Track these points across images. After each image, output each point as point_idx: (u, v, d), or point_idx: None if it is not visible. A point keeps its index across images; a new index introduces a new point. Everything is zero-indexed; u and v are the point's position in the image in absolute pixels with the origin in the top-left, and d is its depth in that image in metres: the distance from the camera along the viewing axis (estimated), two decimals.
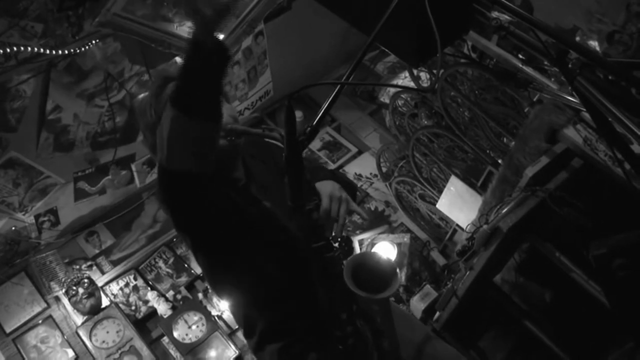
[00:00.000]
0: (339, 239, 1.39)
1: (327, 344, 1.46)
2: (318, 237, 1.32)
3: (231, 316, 2.84)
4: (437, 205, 2.75)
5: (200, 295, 2.92)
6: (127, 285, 2.97)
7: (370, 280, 1.31)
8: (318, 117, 1.19)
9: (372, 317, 1.40)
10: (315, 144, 3.57)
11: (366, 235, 3.09)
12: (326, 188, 1.49)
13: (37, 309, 2.82)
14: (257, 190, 1.52)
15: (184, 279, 2.99)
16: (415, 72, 2.85)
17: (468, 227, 2.10)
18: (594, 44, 2.13)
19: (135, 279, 3.00)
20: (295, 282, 1.52)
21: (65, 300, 2.84)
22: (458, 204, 2.61)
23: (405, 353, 1.60)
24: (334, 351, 1.43)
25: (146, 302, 2.91)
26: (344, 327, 1.39)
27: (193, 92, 1.14)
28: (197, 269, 2.99)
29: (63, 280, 2.88)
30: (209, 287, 2.86)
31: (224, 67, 1.14)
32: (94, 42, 2.41)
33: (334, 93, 1.20)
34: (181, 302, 2.89)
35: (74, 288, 2.80)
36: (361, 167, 3.47)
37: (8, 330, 2.74)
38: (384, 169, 3.25)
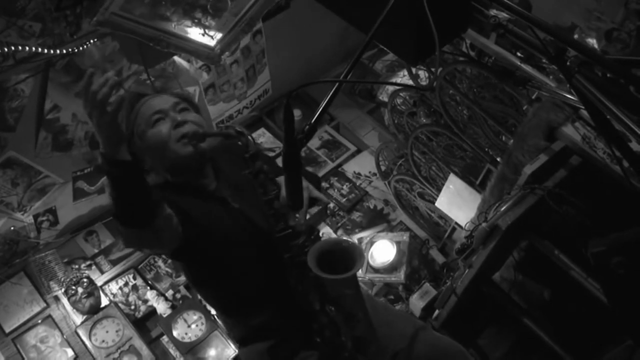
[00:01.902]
0: (304, 228, 1.42)
1: (310, 339, 1.49)
2: (281, 225, 1.38)
3: None
4: (436, 204, 2.75)
5: (199, 295, 2.92)
6: (126, 284, 2.97)
7: (337, 264, 1.33)
8: (316, 115, 1.18)
9: (343, 302, 1.41)
10: (314, 143, 3.57)
11: (365, 234, 3.09)
12: None
13: (37, 309, 2.82)
14: (230, 193, 1.55)
15: (183, 278, 2.99)
16: (414, 70, 2.85)
17: (467, 225, 2.10)
18: (593, 41, 2.14)
19: (134, 278, 3.00)
20: (273, 281, 1.53)
21: (64, 300, 2.84)
22: (457, 202, 2.61)
23: (395, 344, 1.62)
24: (317, 345, 1.46)
25: (145, 301, 2.91)
26: (319, 318, 1.42)
27: (120, 205, 1.29)
28: None
29: (62, 279, 2.88)
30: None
31: (139, 175, 1.26)
32: (92, 41, 2.41)
33: (332, 91, 1.20)
34: (180, 301, 2.89)
35: (73, 287, 2.80)
36: (360, 166, 3.47)
37: (7, 330, 2.74)
38: (382, 168, 3.26)
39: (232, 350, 2.69)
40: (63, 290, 2.84)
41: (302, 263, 1.36)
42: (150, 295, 2.90)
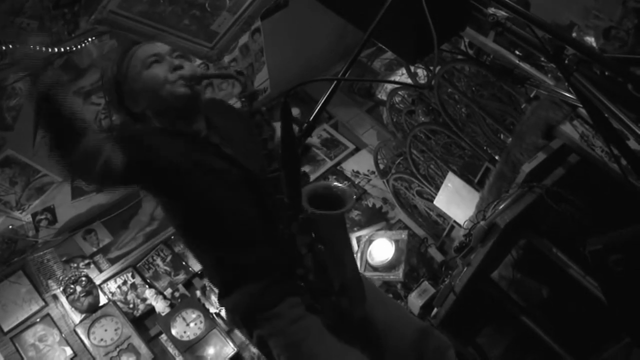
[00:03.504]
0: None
1: (295, 284, 1.49)
2: (274, 166, 1.40)
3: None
4: (434, 202, 2.75)
5: (198, 293, 2.92)
6: (124, 283, 2.97)
7: (327, 208, 1.35)
8: (314, 113, 1.18)
9: (332, 244, 1.42)
10: (313, 141, 3.56)
11: (364, 232, 3.09)
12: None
13: (35, 308, 2.82)
14: (220, 139, 1.57)
15: (181, 276, 2.99)
16: (412, 68, 2.85)
17: (465, 223, 2.10)
18: (591, 40, 2.14)
19: (133, 277, 2.99)
20: (261, 224, 1.54)
21: (63, 299, 2.84)
22: (455, 201, 2.62)
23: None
24: (301, 291, 1.47)
25: (144, 300, 2.91)
26: (305, 262, 1.42)
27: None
28: (195, 267, 2.99)
29: (61, 278, 2.88)
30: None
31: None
32: (90, 39, 2.40)
33: (330, 89, 1.20)
34: (179, 300, 2.89)
35: (72, 286, 2.80)
36: (359, 164, 3.47)
37: (6, 329, 2.74)
38: (381, 166, 3.26)
39: (230, 348, 2.69)
40: (61, 288, 2.84)
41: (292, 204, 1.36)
42: (148, 293, 2.90)
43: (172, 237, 3.12)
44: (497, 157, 2.36)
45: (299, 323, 1.54)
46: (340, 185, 1.45)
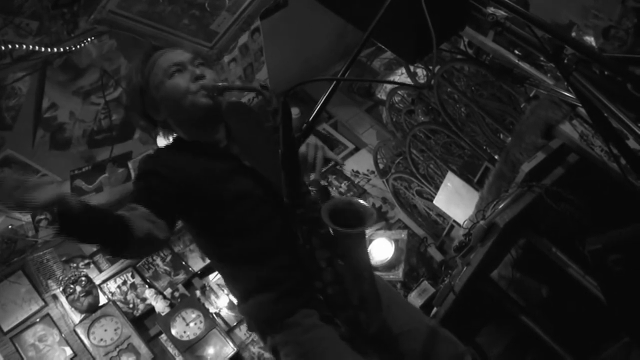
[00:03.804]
0: (316, 185, 1.45)
1: (312, 298, 1.50)
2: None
3: (229, 313, 2.84)
4: (434, 202, 2.76)
5: (198, 293, 2.92)
6: (124, 283, 2.97)
7: (347, 223, 1.36)
8: (314, 113, 1.19)
9: (352, 259, 1.43)
10: (312, 141, 3.56)
11: None
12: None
13: (35, 308, 2.82)
14: (240, 150, 1.57)
15: (181, 276, 2.99)
16: (411, 68, 2.85)
17: (465, 223, 2.11)
18: (590, 39, 2.14)
19: (132, 276, 2.99)
20: (281, 236, 1.55)
21: (62, 299, 2.84)
22: (455, 200, 2.62)
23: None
24: (319, 304, 1.47)
25: (144, 299, 2.91)
26: (324, 276, 1.43)
27: (97, 243, 1.32)
28: (195, 266, 2.99)
29: (60, 278, 2.88)
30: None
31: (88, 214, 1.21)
32: (89, 39, 2.40)
33: (330, 89, 1.20)
34: (179, 300, 2.89)
35: (72, 286, 2.80)
36: (358, 164, 3.47)
37: (6, 329, 2.74)
38: (381, 166, 3.26)
39: (230, 348, 2.69)
40: (61, 288, 2.84)
41: (313, 219, 1.37)
42: (148, 293, 2.90)
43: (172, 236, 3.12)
44: (496, 157, 2.36)
45: (313, 332, 1.54)
46: (361, 201, 1.45)
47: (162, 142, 1.62)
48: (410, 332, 1.63)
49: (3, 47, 2.12)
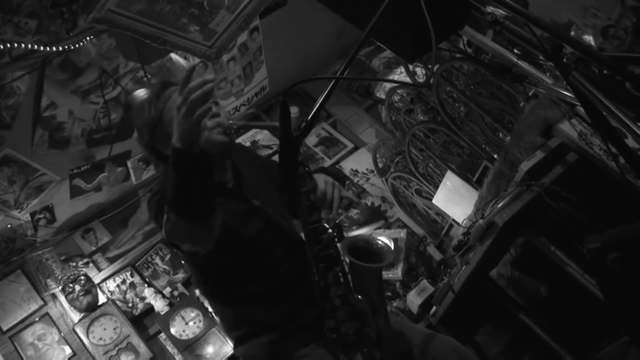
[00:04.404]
0: (333, 223, 1.45)
1: (320, 337, 1.48)
2: (315, 217, 1.38)
3: None
4: (433, 201, 2.76)
5: (197, 292, 2.92)
6: (123, 282, 2.97)
7: (364, 260, 1.39)
8: (312, 112, 1.19)
9: (369, 294, 1.43)
10: (311, 140, 3.57)
11: (363, 231, 3.09)
12: (320, 177, 1.56)
13: (34, 307, 2.82)
14: (247, 190, 1.57)
15: (180, 275, 2.99)
16: (411, 67, 2.85)
17: (464, 222, 2.11)
18: (589, 38, 2.13)
19: (131, 275, 2.99)
20: (291, 278, 1.55)
21: (61, 298, 2.84)
22: (454, 199, 2.62)
23: (408, 342, 1.64)
24: (330, 343, 1.45)
25: (143, 298, 2.91)
26: (338, 314, 1.42)
27: (182, 196, 1.23)
28: None
29: (59, 277, 2.88)
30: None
31: (208, 171, 1.24)
32: (88, 38, 2.40)
33: (329, 88, 1.20)
34: (178, 299, 2.89)
35: (71, 285, 2.80)
36: (357, 163, 3.47)
37: (5, 328, 2.74)
38: (380, 165, 3.26)
39: (229, 347, 2.69)
40: (60, 288, 2.84)
41: (329, 257, 1.37)
42: (147, 292, 2.90)
43: None
44: (495, 156, 2.36)
45: None
46: (380, 240, 1.48)
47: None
48: (418, 347, 1.62)
49: (2, 46, 2.12)
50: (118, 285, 2.96)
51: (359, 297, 1.42)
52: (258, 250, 1.53)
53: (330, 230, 1.39)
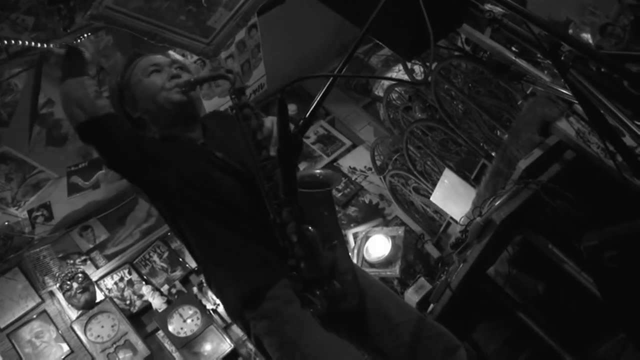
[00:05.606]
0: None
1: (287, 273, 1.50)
2: (264, 155, 1.46)
3: None
4: (431, 198, 2.76)
5: (195, 289, 2.92)
6: (121, 279, 2.97)
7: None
8: (310, 109, 1.18)
9: (321, 225, 1.46)
10: (310, 138, 3.56)
11: (360, 229, 3.10)
12: (268, 117, 1.65)
13: (32, 304, 2.82)
14: (214, 145, 1.64)
15: (178, 272, 2.99)
16: (409, 65, 2.85)
17: (462, 219, 2.11)
18: (587, 36, 2.14)
19: (129, 273, 2.99)
20: (259, 222, 1.56)
21: (59, 295, 2.84)
22: (452, 197, 2.62)
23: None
24: (294, 280, 1.49)
25: (141, 296, 2.91)
26: (296, 251, 1.44)
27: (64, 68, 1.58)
28: (192, 263, 2.99)
29: (57, 275, 2.87)
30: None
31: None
32: (85, 35, 2.39)
33: (327, 86, 1.20)
34: (176, 296, 2.89)
35: (68, 283, 2.79)
36: (355, 161, 3.47)
37: (2, 326, 2.74)
38: (378, 162, 3.26)
39: (227, 344, 2.69)
40: (58, 285, 2.84)
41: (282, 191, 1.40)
42: (145, 290, 2.90)
43: (169, 233, 3.12)
44: (493, 154, 2.36)
45: (295, 323, 1.54)
46: (324, 170, 1.52)
47: None
48: (403, 325, 1.63)
49: None
50: (116, 283, 2.96)
51: (309, 227, 1.43)
52: (229, 196, 1.56)
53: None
